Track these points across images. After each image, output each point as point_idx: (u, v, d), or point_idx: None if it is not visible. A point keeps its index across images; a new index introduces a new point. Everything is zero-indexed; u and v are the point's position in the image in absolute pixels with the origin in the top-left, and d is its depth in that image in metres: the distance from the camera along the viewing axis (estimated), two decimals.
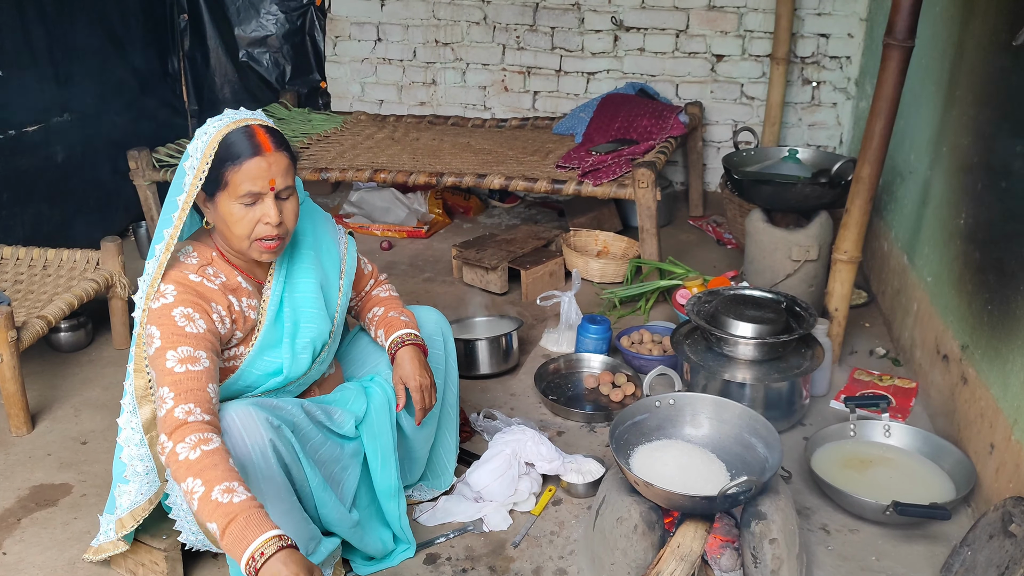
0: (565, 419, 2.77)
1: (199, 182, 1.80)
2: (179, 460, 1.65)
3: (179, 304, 1.81)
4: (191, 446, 1.66)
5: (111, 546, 2.05)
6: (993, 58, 2.49)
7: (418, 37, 4.89)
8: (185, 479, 1.63)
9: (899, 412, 2.71)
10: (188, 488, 1.62)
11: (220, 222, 1.86)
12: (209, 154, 1.79)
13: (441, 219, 4.45)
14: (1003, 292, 2.23)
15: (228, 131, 1.80)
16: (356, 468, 2.08)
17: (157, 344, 1.77)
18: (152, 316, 1.81)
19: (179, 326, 1.79)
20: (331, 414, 2.03)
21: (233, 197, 1.81)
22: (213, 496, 1.59)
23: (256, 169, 1.79)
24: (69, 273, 3.09)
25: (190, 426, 1.69)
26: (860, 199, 2.79)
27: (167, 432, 1.70)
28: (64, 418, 2.78)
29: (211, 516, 1.59)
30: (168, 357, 1.76)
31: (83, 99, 3.91)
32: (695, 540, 1.96)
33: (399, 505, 2.14)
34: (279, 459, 1.83)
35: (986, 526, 1.96)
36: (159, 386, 1.75)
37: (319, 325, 2.03)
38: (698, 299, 2.80)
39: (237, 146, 1.79)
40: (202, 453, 1.65)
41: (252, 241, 1.85)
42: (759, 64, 4.53)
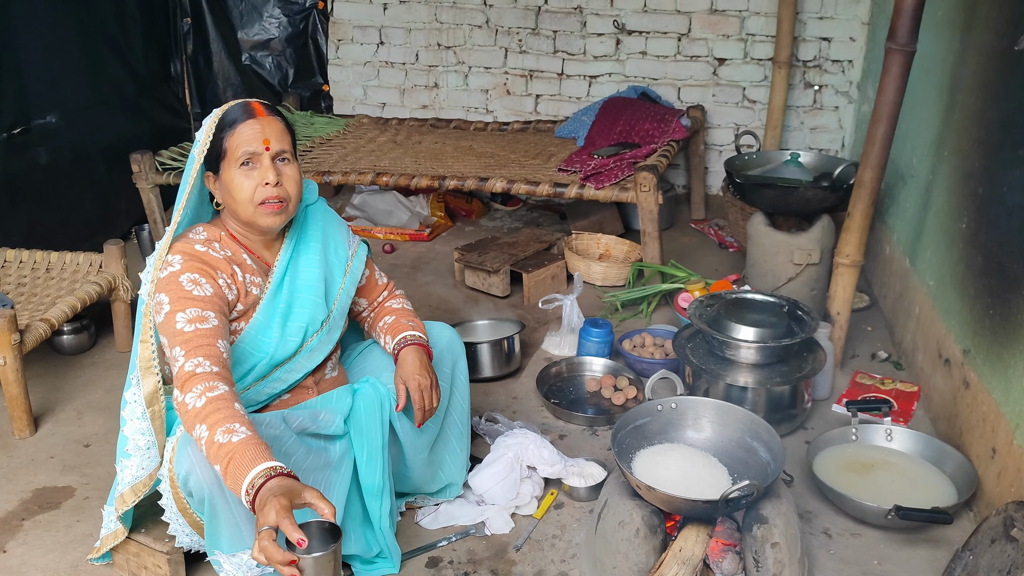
0: (567, 422, 2.77)
1: (202, 156, 1.91)
2: (188, 410, 1.71)
3: (186, 271, 1.87)
4: (197, 395, 1.71)
5: (111, 538, 2.05)
6: (994, 63, 2.49)
7: (420, 40, 4.90)
8: (194, 428, 1.69)
9: (901, 416, 2.71)
10: (197, 436, 1.68)
11: (226, 195, 1.93)
12: (210, 131, 1.90)
13: (443, 222, 4.45)
14: (1005, 296, 2.23)
15: (227, 107, 1.93)
16: (348, 467, 2.07)
17: (167, 310, 1.83)
18: (160, 284, 1.86)
19: (187, 290, 1.84)
20: (315, 416, 2.02)
21: (233, 163, 1.89)
22: (215, 439, 1.65)
23: (250, 131, 1.88)
24: (72, 276, 3.10)
25: (197, 377, 1.75)
26: (862, 203, 2.79)
27: (179, 386, 1.75)
28: (67, 421, 2.79)
29: (215, 459, 1.65)
30: (178, 319, 1.81)
31: (84, 102, 3.92)
32: (697, 544, 1.96)
33: (382, 506, 2.09)
34: None
35: (988, 530, 1.96)
36: (171, 348, 1.80)
37: (313, 312, 2.05)
38: (700, 303, 2.80)
39: (232, 114, 1.91)
40: (207, 400, 1.70)
41: (256, 206, 1.91)
42: (761, 68, 4.54)
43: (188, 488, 1.82)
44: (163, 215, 3.91)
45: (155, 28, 4.53)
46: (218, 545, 1.85)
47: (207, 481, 1.77)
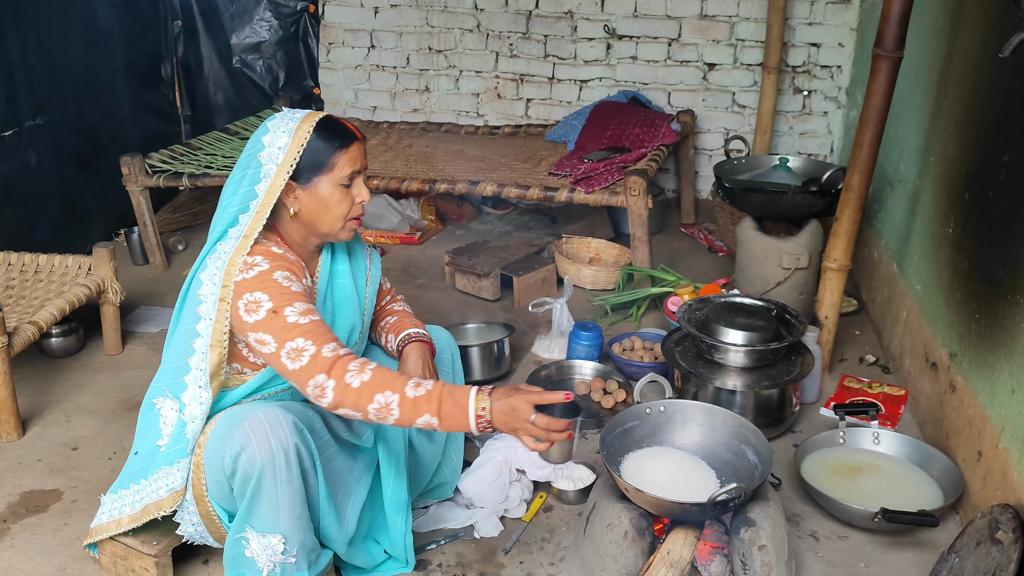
0: None
1: (289, 169, 1.88)
2: (354, 387, 1.76)
3: (276, 269, 1.87)
4: (357, 371, 1.78)
5: (113, 525, 2.02)
6: (980, 70, 2.52)
7: (411, 44, 4.91)
8: (373, 398, 1.76)
9: (888, 419, 2.73)
10: (383, 403, 1.76)
11: (316, 206, 1.93)
12: (301, 142, 1.88)
13: (434, 226, 4.46)
14: (990, 301, 2.25)
15: (316, 120, 1.90)
16: (368, 479, 2.10)
17: (268, 306, 1.81)
18: (252, 283, 1.83)
19: (285, 286, 1.85)
20: (350, 425, 2.04)
21: (336, 179, 1.91)
22: (409, 395, 1.76)
23: (357, 152, 1.94)
24: (61, 279, 3.09)
25: (343, 359, 1.79)
26: (850, 208, 2.81)
27: (324, 371, 1.77)
28: (55, 424, 2.78)
29: (419, 411, 1.76)
30: (287, 314, 1.81)
31: (73, 104, 3.91)
32: (685, 547, 1.97)
33: (406, 520, 2.14)
34: (300, 464, 1.84)
35: (973, 533, 1.97)
36: (287, 340, 1.79)
37: (352, 321, 2.10)
38: (689, 306, 2.82)
39: (339, 132, 1.92)
40: (372, 372, 1.78)
41: (346, 220, 1.96)
42: (751, 73, 4.56)
43: (235, 466, 1.80)
44: (153, 218, 3.90)
45: (145, 31, 4.52)
46: (251, 522, 1.85)
47: (262, 457, 1.78)
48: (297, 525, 1.86)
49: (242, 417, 1.82)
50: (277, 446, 1.80)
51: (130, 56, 4.34)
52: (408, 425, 1.79)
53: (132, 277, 3.85)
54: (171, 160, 3.95)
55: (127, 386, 3.00)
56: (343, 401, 1.78)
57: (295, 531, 1.86)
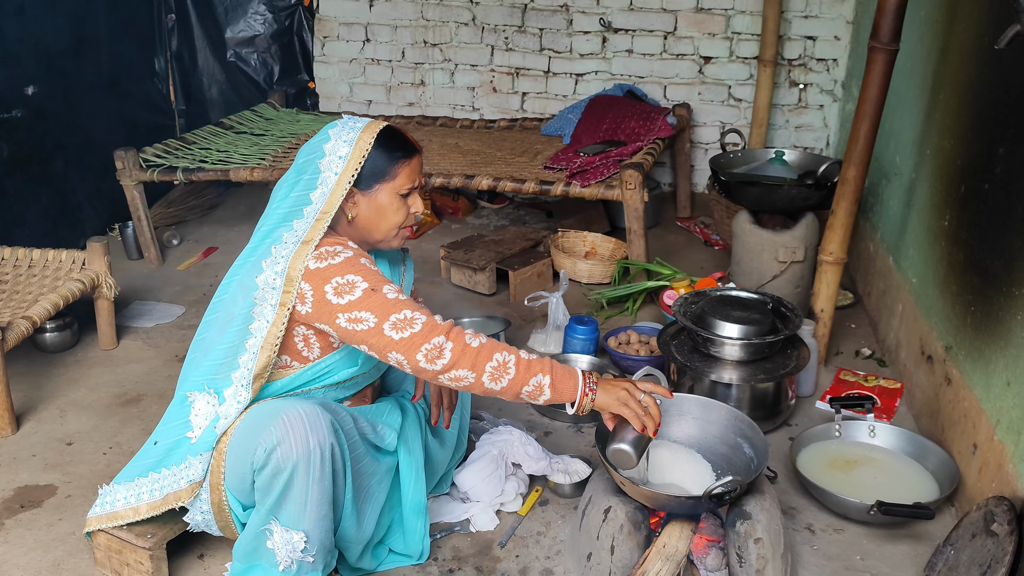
0: (552, 419, 2.77)
1: (350, 178, 1.90)
2: (473, 347, 1.83)
3: (360, 256, 1.90)
4: (473, 335, 1.85)
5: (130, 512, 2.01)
6: (975, 62, 2.51)
7: (407, 38, 4.89)
8: (492, 356, 1.83)
9: (884, 412, 2.73)
10: (500, 361, 1.83)
11: (373, 213, 1.96)
12: (362, 153, 1.90)
13: (429, 220, 4.45)
14: (986, 293, 2.25)
15: (378, 130, 1.94)
16: (387, 483, 2.10)
17: (364, 286, 1.83)
18: (339, 268, 1.84)
19: (374, 271, 1.88)
20: (375, 427, 2.05)
21: (396, 189, 1.95)
22: (524, 357, 1.86)
23: (417, 165, 1.99)
24: (55, 273, 3.08)
25: (456, 328, 1.86)
26: (846, 201, 2.80)
27: (443, 333, 1.83)
28: (49, 419, 2.77)
29: (534, 370, 1.84)
30: (386, 291, 1.84)
31: (66, 97, 3.89)
32: (681, 540, 1.96)
33: (425, 523, 2.15)
34: (332, 464, 1.84)
35: (969, 525, 1.97)
36: (392, 313, 1.82)
37: None
38: (685, 300, 2.81)
39: (402, 144, 1.96)
40: (485, 340, 1.86)
41: (400, 229, 2.00)
42: (746, 66, 4.55)
43: (268, 459, 1.79)
44: (147, 212, 3.88)
45: (139, 24, 4.50)
46: (278, 515, 1.85)
47: (299, 452, 1.78)
48: (321, 525, 1.86)
49: (280, 411, 1.82)
50: (315, 444, 1.80)
51: (123, 49, 4.32)
52: (519, 387, 1.84)
53: (126, 272, 3.83)
54: (165, 154, 3.93)
55: (121, 381, 3.00)
56: (460, 361, 1.81)
57: (318, 531, 1.86)
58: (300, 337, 1.93)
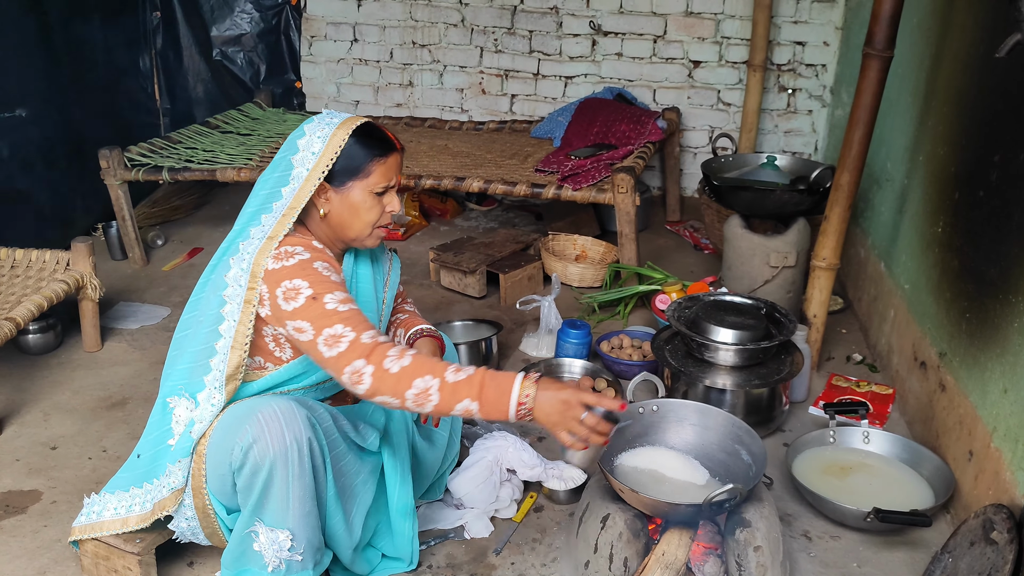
0: None
1: (320, 174, 1.86)
2: (392, 372, 1.72)
3: (316, 259, 1.85)
4: (397, 357, 1.74)
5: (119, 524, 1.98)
6: (970, 70, 2.52)
7: (395, 38, 4.86)
8: (412, 383, 1.72)
9: (876, 418, 2.72)
10: (421, 388, 1.71)
11: (345, 210, 1.91)
12: (335, 148, 1.86)
13: (418, 221, 4.42)
14: (981, 300, 2.25)
15: (354, 126, 1.89)
16: (373, 484, 2.06)
17: (307, 293, 1.79)
18: (291, 271, 1.81)
19: (325, 276, 1.83)
20: (356, 426, 2.01)
21: (369, 187, 1.90)
22: (449, 380, 1.72)
23: (394, 164, 1.93)
24: (38, 274, 3.02)
25: (382, 345, 1.76)
26: (839, 206, 2.80)
27: (363, 356, 1.74)
28: (33, 422, 2.72)
29: (459, 395, 1.71)
30: (327, 301, 1.79)
31: (51, 96, 3.83)
32: (679, 548, 1.95)
33: (413, 525, 2.11)
34: (311, 460, 1.81)
35: (967, 533, 1.97)
36: (325, 327, 1.76)
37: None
38: (679, 305, 2.80)
39: (376, 140, 1.90)
40: (412, 358, 1.74)
41: (374, 228, 1.95)
42: (736, 71, 4.56)
43: (245, 459, 1.77)
44: (132, 212, 3.83)
45: (123, 22, 4.43)
46: (261, 515, 1.82)
47: (275, 449, 1.76)
48: (305, 522, 1.83)
49: (255, 409, 1.79)
50: (291, 439, 1.77)
51: (107, 47, 4.26)
52: (446, 412, 1.74)
53: (110, 272, 3.78)
54: (150, 153, 3.87)
55: (106, 384, 2.94)
56: (380, 388, 1.74)
57: (303, 528, 1.83)
58: (270, 338, 1.91)
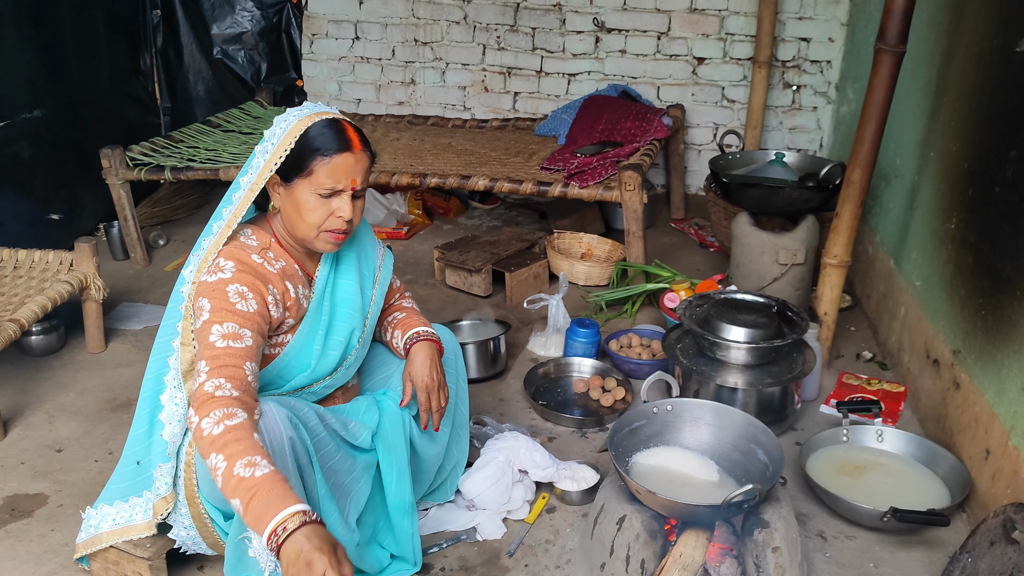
0: (556, 424, 2.72)
1: (273, 166, 1.81)
2: (203, 436, 1.63)
3: (235, 281, 1.79)
4: (215, 421, 1.63)
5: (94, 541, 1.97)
6: (983, 64, 2.49)
7: (397, 36, 4.83)
8: (209, 455, 1.61)
9: (888, 417, 2.70)
10: (212, 464, 1.60)
11: (291, 208, 1.85)
12: (290, 140, 1.80)
13: (421, 220, 4.39)
14: (997, 297, 2.23)
15: (314, 120, 1.82)
16: (368, 481, 2.03)
17: (205, 317, 1.76)
18: (206, 288, 1.78)
19: (231, 302, 1.77)
20: (346, 424, 1.98)
21: (313, 187, 1.82)
22: (235, 471, 1.56)
23: (344, 165, 1.81)
24: (42, 275, 2.99)
25: (216, 400, 1.67)
26: (850, 203, 2.78)
27: (195, 406, 1.68)
28: (37, 425, 2.69)
29: (234, 492, 1.56)
30: (213, 331, 1.74)
31: (51, 96, 3.79)
32: (697, 549, 1.92)
33: (413, 523, 2.08)
34: (296, 459, 1.78)
35: (986, 532, 1.95)
36: (198, 360, 1.74)
37: (352, 325, 2.02)
38: (690, 303, 2.78)
39: (327, 137, 1.81)
40: (225, 428, 1.62)
41: (320, 231, 1.86)
42: (740, 67, 4.54)
43: None
44: (133, 212, 3.80)
45: (124, 21, 4.40)
46: None
47: None
48: None
49: None
50: (272, 441, 1.74)
51: (108, 46, 4.22)
52: (224, 495, 1.59)
53: (112, 273, 3.74)
54: (152, 153, 3.84)
55: (111, 385, 2.91)
56: (196, 442, 1.65)
57: None
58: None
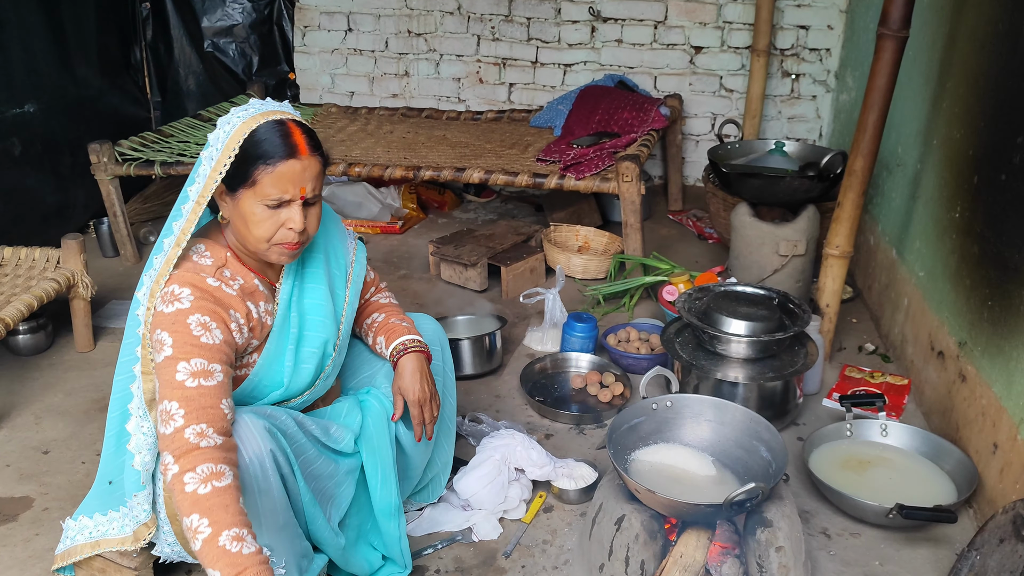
0: (553, 421, 2.67)
1: (218, 175, 1.67)
2: (186, 492, 1.53)
3: (196, 311, 1.66)
4: (201, 479, 1.53)
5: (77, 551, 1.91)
6: (988, 49, 2.43)
7: (390, 27, 4.76)
8: (191, 514, 1.51)
9: (892, 410, 2.65)
10: (192, 525, 1.51)
11: (239, 220, 1.72)
12: (233, 146, 1.65)
13: (415, 214, 4.33)
14: (1005, 287, 2.17)
15: (258, 123, 1.67)
16: (351, 485, 1.96)
17: (168, 353, 1.63)
18: (164, 321, 1.65)
19: (195, 335, 1.64)
20: (327, 428, 1.90)
21: (259, 197, 1.67)
22: (221, 542, 1.48)
23: (290, 173, 1.66)
24: (28, 272, 2.94)
25: (202, 453, 1.56)
26: (853, 192, 2.72)
27: (175, 454, 1.56)
28: (24, 426, 2.63)
29: (215, 563, 1.48)
30: (180, 369, 1.61)
31: (40, 91, 3.73)
32: (698, 549, 1.87)
33: (399, 525, 2.01)
34: (278, 470, 1.71)
35: (995, 529, 1.89)
36: (165, 398, 1.61)
37: (325, 335, 1.90)
38: (689, 296, 2.72)
39: (271, 144, 1.66)
40: (213, 490, 1.52)
41: (271, 245, 1.73)
42: (738, 56, 4.47)
43: None
44: (123, 208, 3.73)
45: (114, 14, 4.33)
46: None
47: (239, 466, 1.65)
48: (283, 535, 1.74)
49: None
50: (252, 455, 1.67)
51: (98, 40, 4.15)
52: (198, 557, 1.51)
53: (102, 270, 3.69)
54: (142, 148, 3.78)
55: (99, 385, 2.86)
56: (172, 492, 1.56)
57: (280, 541, 1.74)
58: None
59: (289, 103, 1.83)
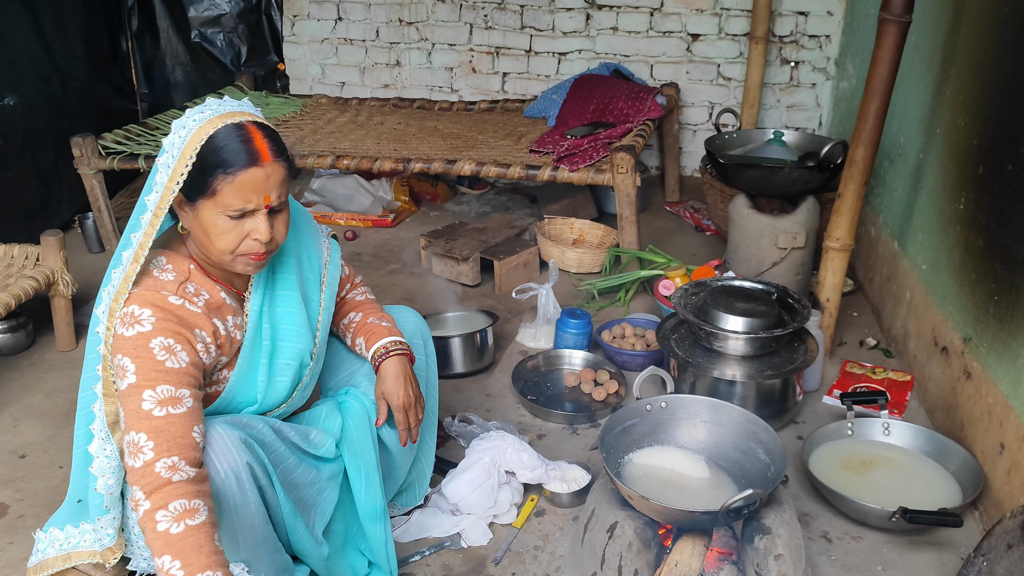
0: (545, 421, 2.60)
1: (175, 185, 1.55)
2: (158, 531, 1.45)
3: (158, 334, 1.56)
4: (174, 517, 1.46)
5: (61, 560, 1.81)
6: (993, 34, 2.35)
7: (381, 16, 4.67)
8: (162, 555, 1.44)
9: (894, 407, 2.58)
10: (164, 567, 1.43)
11: (199, 231, 1.61)
12: (190, 153, 1.54)
13: (407, 207, 4.25)
14: (1012, 281, 2.09)
15: (216, 128, 1.55)
16: (334, 490, 1.89)
17: (131, 380, 1.53)
18: (125, 345, 1.55)
19: (158, 361, 1.55)
20: (307, 435, 1.82)
21: (220, 208, 1.57)
22: None
23: (252, 181, 1.56)
24: (7, 270, 2.86)
25: (175, 488, 1.48)
26: (854, 183, 2.64)
27: (145, 490, 1.48)
28: (1, 429, 2.56)
29: None
30: (145, 397, 1.52)
31: (24, 83, 3.65)
32: (694, 557, 1.80)
33: (385, 528, 1.93)
34: (255, 483, 1.63)
35: (1003, 534, 1.82)
36: (132, 429, 1.51)
37: (300, 345, 1.80)
38: (685, 291, 2.64)
39: (230, 150, 1.55)
40: (186, 528, 1.45)
41: (236, 256, 1.63)
42: (736, 44, 4.38)
43: None
44: (108, 202, 3.65)
45: (98, 2, 4.23)
46: None
47: (214, 483, 1.58)
48: (261, 549, 1.67)
49: None
50: (227, 470, 1.60)
51: (83, 31, 4.06)
52: None
53: (86, 266, 3.60)
54: (126, 141, 3.69)
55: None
56: (143, 528, 1.48)
57: (259, 556, 1.67)
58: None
59: (250, 102, 1.71)
